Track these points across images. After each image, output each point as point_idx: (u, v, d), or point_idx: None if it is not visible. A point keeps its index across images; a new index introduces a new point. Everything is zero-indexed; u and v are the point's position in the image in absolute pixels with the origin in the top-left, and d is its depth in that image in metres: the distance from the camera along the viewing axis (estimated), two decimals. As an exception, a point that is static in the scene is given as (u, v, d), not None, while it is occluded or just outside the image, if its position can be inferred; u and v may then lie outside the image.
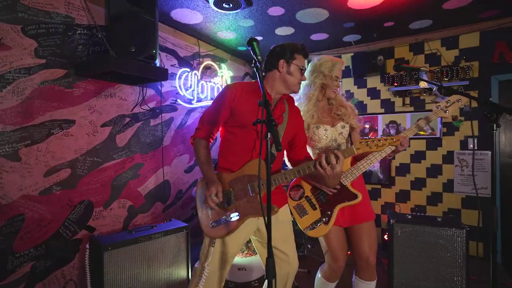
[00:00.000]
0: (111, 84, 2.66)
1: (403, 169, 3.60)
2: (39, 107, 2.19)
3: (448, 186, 3.36)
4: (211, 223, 1.47)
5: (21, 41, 2.09)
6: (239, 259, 2.56)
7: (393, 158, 1.84)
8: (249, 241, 2.62)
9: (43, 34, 2.20)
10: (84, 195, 2.47)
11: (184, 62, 3.46)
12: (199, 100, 3.48)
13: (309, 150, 1.85)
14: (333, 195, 1.72)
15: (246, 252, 2.59)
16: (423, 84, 3.20)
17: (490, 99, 3.02)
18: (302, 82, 1.71)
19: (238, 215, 1.43)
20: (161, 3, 2.70)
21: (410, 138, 3.45)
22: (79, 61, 2.39)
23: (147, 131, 3.03)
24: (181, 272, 2.25)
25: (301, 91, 1.89)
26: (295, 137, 1.66)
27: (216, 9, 2.73)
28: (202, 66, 3.56)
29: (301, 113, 1.77)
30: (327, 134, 1.80)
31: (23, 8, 2.09)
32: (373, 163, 1.74)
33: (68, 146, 2.36)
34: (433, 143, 3.44)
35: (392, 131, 3.65)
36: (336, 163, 1.36)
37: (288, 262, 1.59)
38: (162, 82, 3.16)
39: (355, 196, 1.70)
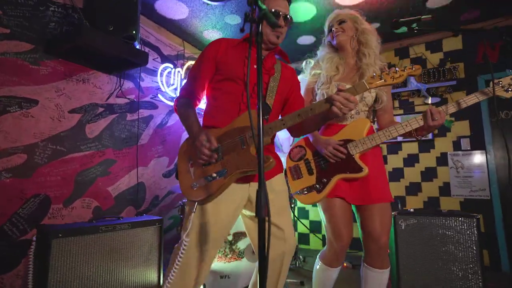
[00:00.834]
0: (84, 69, 2.44)
1: (397, 174, 3.43)
2: (-5, 79, 1.92)
3: (445, 189, 3.18)
4: (192, 184, 1.20)
5: (-18, 5, 1.89)
6: (221, 265, 2.19)
7: (422, 138, 1.55)
8: (233, 243, 2.28)
9: (10, 2, 2.01)
10: (41, 188, 2.11)
11: (167, 60, 3.32)
12: (182, 100, 3.28)
13: None
14: (336, 163, 1.49)
15: (230, 256, 2.22)
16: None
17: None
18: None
19: (225, 171, 1.17)
20: (145, -9, 2.61)
21: (403, 141, 3.34)
22: (49, 37, 2.19)
23: (123, 125, 2.76)
24: (151, 274, 1.85)
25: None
26: (291, 96, 1.47)
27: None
28: (186, 66, 3.42)
29: (323, 63, 1.60)
30: None
31: (-11, -28, 1.92)
32: (392, 136, 1.49)
33: (26, 128, 2.05)
34: (426, 145, 3.32)
35: (383, 135, 3.53)
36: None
37: (284, 239, 1.30)
38: (142, 76, 2.97)
39: (360, 169, 1.45)
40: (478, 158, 3.07)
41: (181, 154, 1.29)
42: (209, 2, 2.72)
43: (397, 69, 1.23)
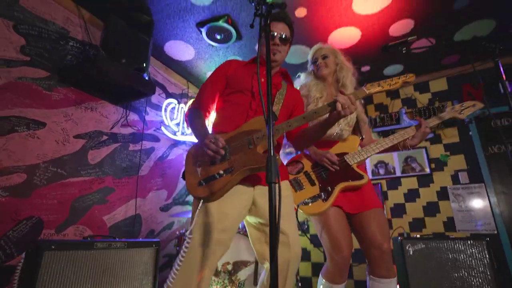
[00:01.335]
0: (94, 98, 2.57)
1: (399, 210, 3.37)
2: (9, 100, 2.01)
3: (450, 224, 3.10)
4: (199, 181, 1.21)
5: (9, 36, 2.07)
6: (220, 298, 2.02)
7: (411, 149, 1.70)
8: (233, 273, 2.14)
9: (34, 35, 2.21)
10: (35, 210, 2.05)
11: (172, 97, 3.50)
12: (183, 134, 3.37)
13: None
14: (336, 173, 1.52)
15: (229, 287, 2.06)
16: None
17: (470, 133, 3.14)
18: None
19: (232, 169, 1.19)
20: (157, 34, 2.88)
21: (401, 176, 3.37)
22: (65, 66, 2.35)
23: (125, 154, 2.79)
24: (144, 303, 1.69)
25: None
26: (295, 111, 1.56)
27: (208, 41, 2.93)
28: (189, 103, 3.59)
29: (310, 88, 1.75)
30: None
31: (20, 9, 2.15)
32: (383, 147, 1.60)
33: (30, 149, 2.08)
34: (424, 180, 3.34)
35: (381, 171, 3.57)
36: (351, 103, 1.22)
37: (288, 245, 1.25)
38: (147, 109, 3.10)
39: (361, 176, 1.51)
40: (478, 191, 3.07)
41: (189, 157, 1.32)
42: (214, 44, 2.99)
43: (393, 79, 1.35)
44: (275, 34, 1.45)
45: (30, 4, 2.21)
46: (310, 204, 1.46)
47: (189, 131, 3.45)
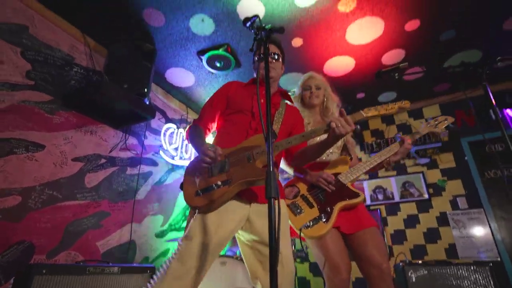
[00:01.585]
0: (94, 122, 2.60)
1: (399, 237, 3.30)
2: (10, 122, 2.03)
3: (452, 251, 3.04)
4: (197, 191, 1.21)
5: (16, 61, 2.14)
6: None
7: (393, 167, 1.76)
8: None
9: (40, 61, 2.29)
10: (28, 234, 1.99)
11: (172, 122, 3.55)
12: (181, 158, 3.38)
13: None
14: (332, 193, 1.53)
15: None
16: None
17: (466, 158, 3.18)
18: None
19: (230, 181, 1.20)
20: (159, 61, 2.99)
21: (400, 202, 3.36)
22: (68, 91, 2.41)
23: (122, 178, 2.77)
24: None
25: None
26: (294, 130, 1.60)
27: (208, 68, 3.04)
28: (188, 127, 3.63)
29: None
30: (320, 139, 1.75)
31: (29, 37, 2.25)
32: (373, 165, 1.64)
33: (28, 171, 2.07)
34: (423, 205, 3.32)
35: (380, 196, 3.55)
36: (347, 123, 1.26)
37: (282, 264, 1.22)
38: (146, 134, 3.13)
39: (357, 194, 1.53)
40: (477, 217, 3.05)
41: (188, 169, 1.33)
42: (214, 71, 3.10)
43: (389, 104, 1.41)
44: (269, 53, 1.55)
45: (39, 32, 2.31)
46: (312, 227, 1.44)
47: (187, 155, 3.46)
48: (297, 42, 2.74)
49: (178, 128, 3.44)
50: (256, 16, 1.22)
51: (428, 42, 2.75)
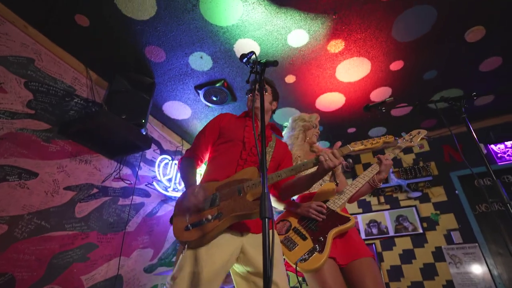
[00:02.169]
0: (89, 151, 2.62)
1: (396, 273, 3.22)
2: (6, 149, 2.04)
3: (450, 288, 2.96)
4: (187, 226, 1.20)
5: (19, 91, 2.21)
6: None
7: (379, 186, 1.80)
8: None
9: (42, 91, 2.36)
10: (10, 267, 1.91)
11: (167, 154, 3.58)
12: (175, 190, 3.35)
13: None
14: (323, 222, 1.53)
15: None
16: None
17: (456, 191, 3.24)
18: (286, 129, 2.11)
19: (221, 215, 1.20)
20: (157, 94, 3.11)
21: (395, 236, 3.34)
22: (67, 120, 2.45)
23: (113, 209, 2.72)
24: None
25: (285, 137, 2.07)
26: (282, 162, 1.64)
27: (205, 102, 3.16)
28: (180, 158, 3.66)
29: (293, 150, 1.87)
30: (311, 171, 1.80)
31: (34, 69, 2.35)
32: (358, 187, 1.67)
33: (17, 199, 2.04)
34: (418, 239, 3.28)
35: (374, 230, 3.51)
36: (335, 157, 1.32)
37: (279, 294, 1.19)
38: (141, 165, 3.14)
39: (348, 219, 1.54)
40: (473, 251, 3.02)
41: (178, 203, 1.33)
42: (210, 104, 3.22)
43: (374, 138, 1.49)
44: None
45: (44, 64, 2.42)
46: (308, 260, 1.41)
47: (181, 187, 3.44)
48: (290, 79, 2.90)
49: (172, 159, 3.46)
50: (252, 52, 1.33)
51: (412, 81, 2.94)
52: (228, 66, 2.76)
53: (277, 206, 1.72)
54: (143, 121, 2.66)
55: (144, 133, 2.66)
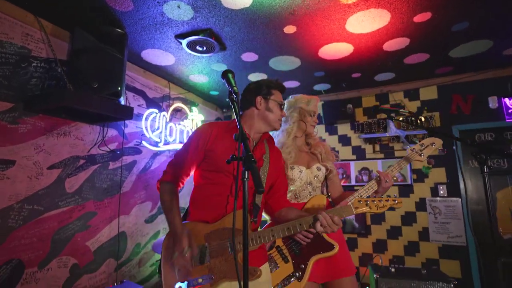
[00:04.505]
0: (66, 122, 2.39)
1: (378, 217, 3.51)
2: (-31, 144, 1.84)
3: (424, 234, 3.28)
4: (176, 285, 1.19)
5: (-40, 69, 1.83)
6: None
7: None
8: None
9: (-11, 63, 1.96)
10: (14, 253, 2.01)
11: (153, 103, 3.31)
12: (166, 143, 3.26)
13: None
14: (307, 245, 1.53)
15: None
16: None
17: (454, 147, 3.15)
18: None
19: (212, 278, 1.16)
20: (131, 42, 2.61)
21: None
22: (30, 95, 2.14)
23: (105, 175, 2.70)
24: None
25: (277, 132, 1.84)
26: (276, 182, 1.51)
27: (189, 51, 2.69)
28: (171, 108, 3.42)
29: (283, 150, 1.68)
30: (302, 176, 1.68)
31: (-31, 34, 1.88)
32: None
33: (1, 192, 1.97)
34: (405, 190, 3.43)
35: (365, 178, 3.63)
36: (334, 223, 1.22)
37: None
38: (126, 122, 2.94)
39: (331, 247, 1.53)
40: (454, 204, 3.20)
41: (164, 250, 1.28)
42: (196, 54, 2.76)
43: (381, 200, 1.31)
44: (282, 104, 1.48)
45: (-20, 26, 1.92)
46: (287, 286, 1.47)
47: (172, 138, 3.33)
48: (289, 29, 2.38)
49: (160, 111, 3.22)
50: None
51: (438, 32, 2.43)
52: (214, 16, 2.22)
53: (266, 217, 1.69)
54: (119, 88, 2.32)
55: (122, 103, 2.37)
